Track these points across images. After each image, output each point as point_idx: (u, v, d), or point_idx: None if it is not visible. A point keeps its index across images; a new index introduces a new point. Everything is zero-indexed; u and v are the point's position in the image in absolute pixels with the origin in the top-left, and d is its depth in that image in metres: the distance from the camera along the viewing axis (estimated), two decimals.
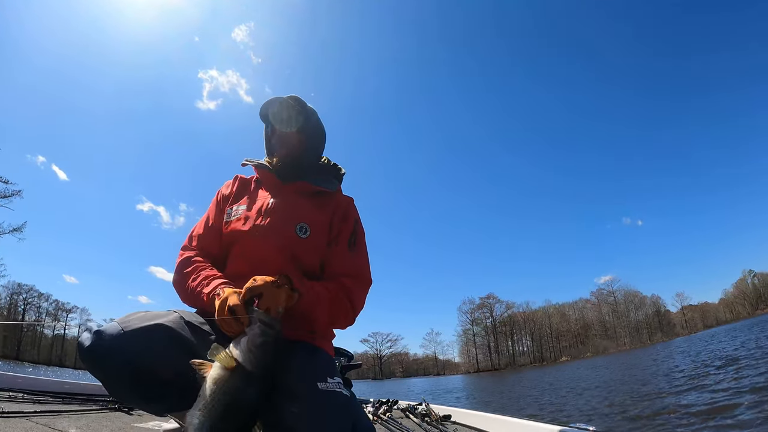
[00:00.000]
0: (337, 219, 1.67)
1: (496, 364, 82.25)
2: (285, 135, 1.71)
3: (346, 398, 1.34)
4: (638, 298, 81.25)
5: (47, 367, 52.83)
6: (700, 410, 7.19)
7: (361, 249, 1.69)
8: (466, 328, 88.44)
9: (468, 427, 3.37)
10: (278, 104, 1.70)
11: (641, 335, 76.18)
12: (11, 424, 2.15)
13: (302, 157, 1.73)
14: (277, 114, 1.71)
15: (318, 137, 1.79)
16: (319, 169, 1.81)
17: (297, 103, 1.69)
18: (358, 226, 1.71)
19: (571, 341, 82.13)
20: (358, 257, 1.66)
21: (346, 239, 1.64)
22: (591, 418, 8.49)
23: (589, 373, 24.30)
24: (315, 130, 1.77)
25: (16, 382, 3.17)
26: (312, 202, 1.67)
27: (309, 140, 1.74)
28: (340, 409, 1.30)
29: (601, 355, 66.71)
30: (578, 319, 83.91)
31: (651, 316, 78.85)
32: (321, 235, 1.61)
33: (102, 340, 1.22)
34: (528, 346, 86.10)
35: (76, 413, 2.68)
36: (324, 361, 1.43)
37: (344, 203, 1.73)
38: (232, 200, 1.73)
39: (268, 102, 1.73)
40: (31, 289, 71.30)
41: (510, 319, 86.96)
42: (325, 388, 1.29)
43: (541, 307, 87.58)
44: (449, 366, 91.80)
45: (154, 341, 1.26)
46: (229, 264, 1.61)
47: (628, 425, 7.27)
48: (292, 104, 1.68)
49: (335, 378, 1.35)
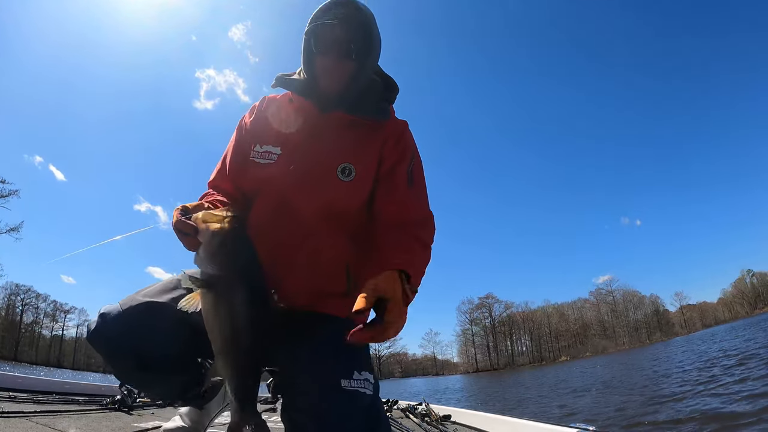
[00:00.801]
0: (388, 150, 1.40)
1: (495, 364, 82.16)
2: (336, 65, 1.37)
3: (369, 400, 1.16)
4: (637, 297, 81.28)
5: (45, 368, 52.73)
6: (711, 412, 7.04)
7: (420, 184, 1.42)
8: (465, 328, 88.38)
9: (468, 427, 3.37)
10: (329, 28, 1.33)
11: (640, 335, 76.15)
12: (11, 424, 2.14)
13: (354, 85, 1.41)
14: (329, 41, 1.35)
15: (377, 56, 1.45)
16: (369, 88, 1.46)
17: (358, 24, 1.35)
18: (415, 156, 1.44)
19: (570, 341, 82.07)
20: (419, 195, 1.40)
21: (404, 174, 1.37)
22: (597, 419, 8.40)
23: (590, 373, 24.23)
24: (375, 51, 1.42)
25: (16, 382, 3.16)
26: (357, 133, 1.39)
27: (366, 68, 1.42)
28: (360, 415, 1.13)
29: (601, 354, 66.66)
30: (577, 318, 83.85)
31: (650, 316, 78.85)
32: (368, 174, 1.36)
33: (104, 322, 1.21)
34: (527, 345, 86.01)
35: (76, 413, 2.67)
36: (355, 350, 1.20)
37: (398, 130, 1.44)
38: (257, 134, 1.44)
39: (323, 14, 1.34)
40: (29, 289, 71.18)
41: (509, 318, 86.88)
42: (349, 387, 1.12)
43: (540, 307, 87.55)
44: (448, 366, 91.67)
45: (157, 318, 1.22)
46: (252, 216, 1.35)
47: (639, 428, 7.18)
48: (355, 26, 1.34)
49: (364, 372, 1.17)
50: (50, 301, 73.95)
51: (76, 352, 74.46)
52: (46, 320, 73.67)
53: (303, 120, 1.40)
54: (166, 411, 3.55)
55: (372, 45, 1.39)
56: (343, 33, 1.33)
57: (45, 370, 46.61)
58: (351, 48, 1.34)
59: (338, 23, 1.32)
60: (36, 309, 72.45)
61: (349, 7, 1.34)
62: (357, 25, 1.34)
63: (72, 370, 61.08)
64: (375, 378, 1.22)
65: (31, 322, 71.65)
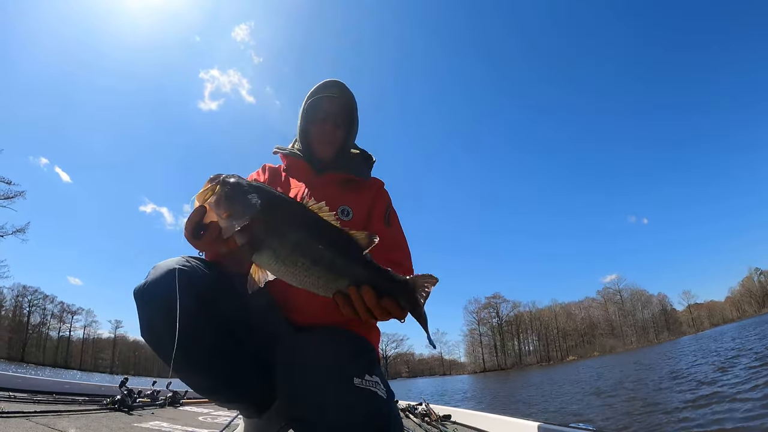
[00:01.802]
0: (373, 200, 1.69)
1: (503, 364, 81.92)
2: (329, 133, 1.69)
3: (382, 402, 1.18)
4: (644, 296, 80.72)
5: (52, 369, 53.14)
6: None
7: (396, 225, 1.71)
8: (472, 327, 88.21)
9: (468, 427, 3.36)
10: (327, 100, 1.68)
11: (648, 334, 75.61)
12: (11, 424, 2.16)
13: (341, 151, 1.73)
14: (327, 111, 1.69)
15: (357, 130, 1.79)
16: (353, 157, 1.79)
17: (348, 101, 1.70)
18: (390, 206, 1.73)
19: (578, 340, 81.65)
20: (396, 232, 1.68)
21: (381, 217, 1.66)
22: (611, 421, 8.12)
23: (599, 373, 23.77)
24: (356, 125, 1.77)
25: (16, 382, 3.17)
26: (349, 188, 1.68)
27: (351, 137, 1.77)
28: (372, 414, 1.14)
29: (609, 354, 66.18)
30: (584, 318, 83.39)
31: (657, 315, 78.26)
32: (362, 217, 1.62)
33: (149, 282, 1.24)
34: (534, 345, 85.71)
35: (76, 413, 2.70)
36: (367, 354, 1.30)
37: (375, 187, 1.75)
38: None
39: (319, 96, 1.67)
40: (36, 291, 71.89)
41: (516, 318, 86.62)
42: (361, 384, 1.15)
43: (548, 306, 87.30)
44: (455, 366, 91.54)
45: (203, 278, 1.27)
46: None
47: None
48: (344, 103, 1.69)
49: (375, 375, 1.20)
50: (57, 302, 74.77)
51: (83, 353, 75.03)
52: (53, 321, 74.50)
53: (302, 179, 1.68)
54: (166, 411, 3.58)
55: (355, 119, 1.75)
56: (338, 106, 1.68)
57: (52, 371, 46.97)
58: (344, 118, 1.70)
59: (337, 97, 1.67)
60: (43, 310, 73.24)
61: (342, 87, 1.68)
62: (348, 100, 1.70)
63: (79, 371, 61.52)
64: (386, 383, 1.25)
65: (39, 323, 72.45)
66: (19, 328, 68.54)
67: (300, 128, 1.73)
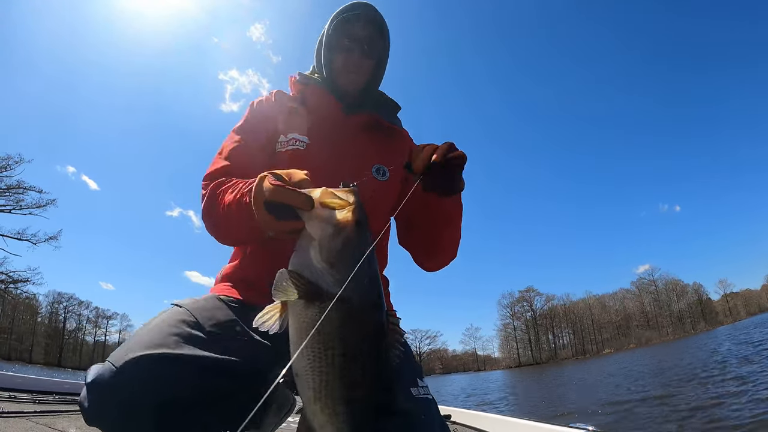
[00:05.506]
0: (404, 158, 1.37)
1: (538, 359, 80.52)
2: (360, 62, 1.39)
3: (436, 408, 1.10)
4: (680, 286, 78.19)
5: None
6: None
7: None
8: (506, 322, 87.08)
9: (468, 427, 3.31)
10: (363, 22, 1.37)
11: (684, 325, 73.09)
12: (11, 424, 2.22)
13: (371, 87, 1.47)
14: (358, 35, 1.37)
15: (386, 64, 1.50)
16: (380, 100, 1.53)
17: (382, 25, 1.40)
18: None
19: (613, 333, 79.43)
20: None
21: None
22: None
23: (641, 368, 22.44)
24: (386, 57, 1.48)
25: (16, 382, 3.19)
26: (383, 136, 1.44)
27: (382, 70, 1.48)
28: (435, 424, 1.05)
29: (645, 346, 63.91)
30: (619, 309, 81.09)
31: (693, 305, 75.58)
32: (397, 177, 1.39)
33: (95, 391, 0.87)
34: (569, 338, 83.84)
35: (76, 413, 2.73)
36: (412, 357, 1.15)
37: (407, 139, 1.52)
38: (279, 123, 1.36)
39: (348, 14, 1.36)
40: (72, 297, 74.93)
41: (550, 311, 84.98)
42: (418, 394, 1.05)
43: (582, 298, 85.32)
44: (489, 361, 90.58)
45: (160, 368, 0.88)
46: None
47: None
48: (377, 26, 1.39)
49: (423, 381, 1.12)
50: (92, 307, 77.93)
51: None
52: (89, 326, 77.65)
53: (326, 114, 1.38)
54: None
55: (387, 48, 1.45)
56: (367, 30, 1.37)
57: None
58: (373, 46, 1.40)
59: (363, 20, 1.36)
60: (78, 316, 76.54)
61: (371, 8, 1.38)
62: (379, 25, 1.39)
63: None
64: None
65: (74, 328, 75.71)
66: (55, 334, 71.57)
67: (322, 55, 1.42)
